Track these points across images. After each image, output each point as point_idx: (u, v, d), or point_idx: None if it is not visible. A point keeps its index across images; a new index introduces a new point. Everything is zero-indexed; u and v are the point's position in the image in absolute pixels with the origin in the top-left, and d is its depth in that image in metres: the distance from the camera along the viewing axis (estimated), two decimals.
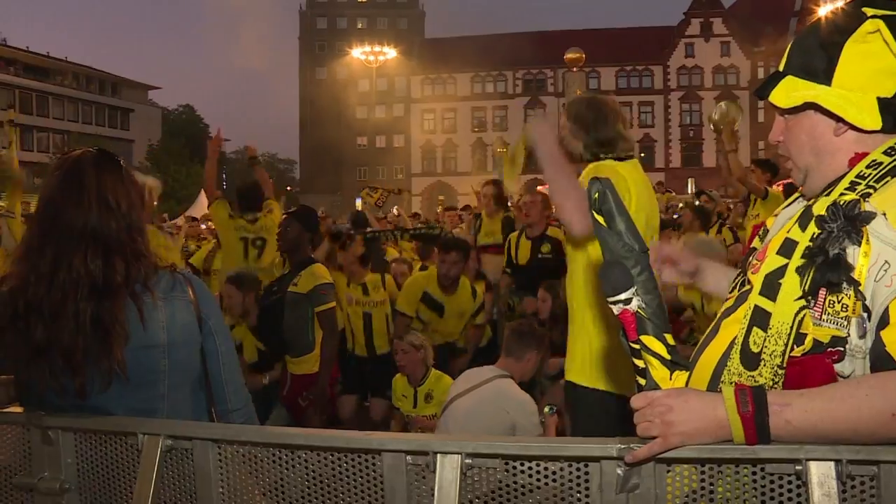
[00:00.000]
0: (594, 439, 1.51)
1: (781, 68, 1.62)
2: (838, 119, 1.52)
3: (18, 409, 1.97)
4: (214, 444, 1.71)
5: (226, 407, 2.11)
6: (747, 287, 1.58)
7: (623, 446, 1.44)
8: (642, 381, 1.47)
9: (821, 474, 1.36)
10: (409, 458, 1.56)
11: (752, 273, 1.56)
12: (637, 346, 1.45)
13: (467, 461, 1.52)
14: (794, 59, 1.59)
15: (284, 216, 5.26)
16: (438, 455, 1.53)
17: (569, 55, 16.69)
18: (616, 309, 1.44)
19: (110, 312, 1.88)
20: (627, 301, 1.42)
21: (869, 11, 1.49)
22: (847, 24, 1.51)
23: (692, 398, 1.41)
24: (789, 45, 1.64)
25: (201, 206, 18.38)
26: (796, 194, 1.73)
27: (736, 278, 1.73)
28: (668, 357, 1.44)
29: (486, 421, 3.82)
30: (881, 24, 1.47)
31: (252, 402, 2.21)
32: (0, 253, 6.14)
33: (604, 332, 2.98)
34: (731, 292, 1.70)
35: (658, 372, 1.44)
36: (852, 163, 1.51)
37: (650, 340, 1.43)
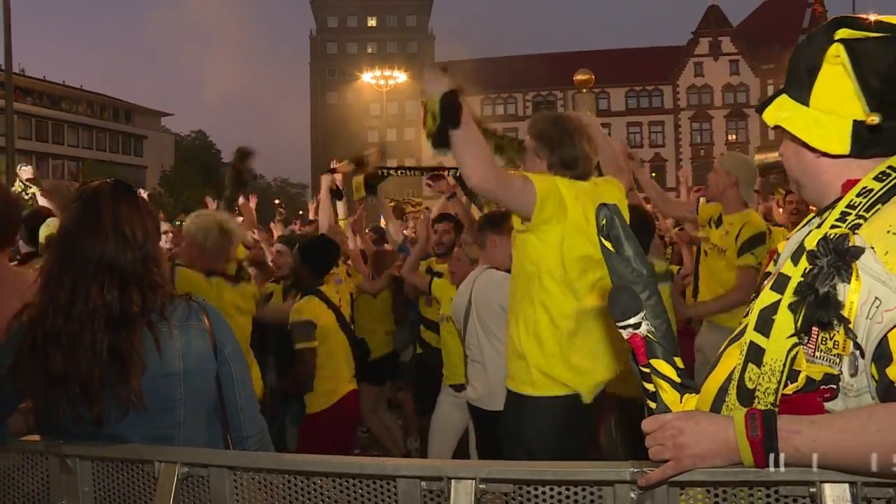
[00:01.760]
0: (607, 463, 1.52)
1: (784, 85, 1.61)
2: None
3: (37, 438, 1.99)
4: (230, 472, 1.72)
5: (241, 434, 2.12)
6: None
7: (636, 470, 1.44)
8: (653, 405, 1.47)
9: (835, 497, 1.35)
10: (423, 483, 1.57)
11: None
12: (647, 370, 1.45)
13: (481, 486, 1.53)
14: (789, 76, 1.59)
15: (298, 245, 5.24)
16: (453, 481, 1.53)
17: (578, 76, 16.69)
18: (626, 333, 1.45)
19: (127, 342, 1.90)
20: (637, 325, 1.43)
21: (838, 34, 1.46)
22: (822, 44, 1.49)
23: (703, 421, 1.41)
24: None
25: None
26: (809, 217, 1.72)
27: (751, 302, 1.72)
28: (678, 380, 1.45)
29: (492, 314, 4.04)
30: (841, 48, 1.45)
31: (267, 430, 2.22)
32: None
33: (556, 327, 2.88)
34: (745, 316, 1.70)
35: (668, 395, 1.45)
36: (845, 189, 1.47)
37: (660, 364, 1.44)
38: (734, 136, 57.44)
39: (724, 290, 4.69)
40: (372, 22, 71.51)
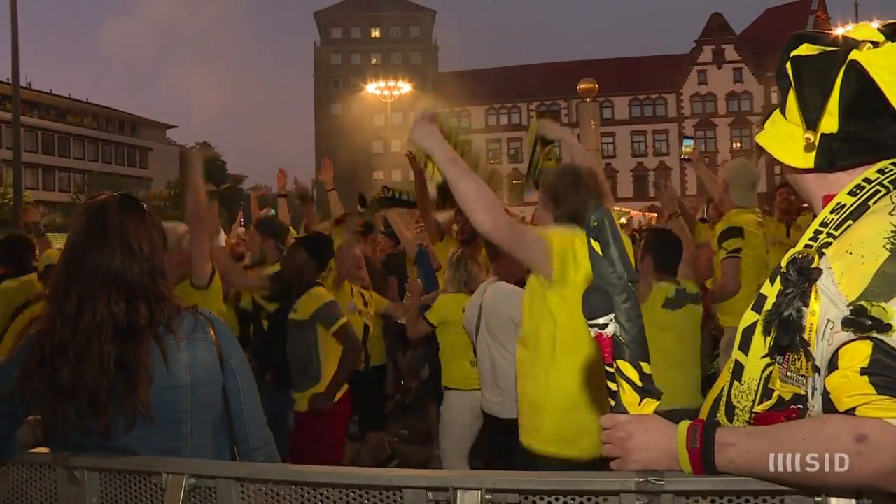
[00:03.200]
0: (613, 473, 1.52)
1: None
2: None
3: (45, 450, 2.00)
4: (237, 483, 1.73)
5: (248, 445, 2.13)
6: None
7: (641, 480, 1.45)
8: (612, 403, 1.52)
9: None
10: (429, 494, 1.58)
11: None
12: (612, 370, 1.49)
13: (487, 497, 1.53)
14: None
15: (294, 241, 5.13)
16: (459, 491, 1.54)
17: (582, 85, 16.75)
18: (593, 332, 1.49)
19: (134, 355, 1.91)
20: (604, 326, 1.47)
21: (796, 51, 1.44)
22: (785, 61, 1.47)
23: (653, 428, 1.46)
24: None
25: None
26: None
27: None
28: (639, 384, 1.48)
29: (503, 325, 4.11)
30: (789, 65, 1.43)
31: (274, 441, 2.23)
32: None
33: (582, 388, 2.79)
34: None
35: (628, 396, 1.49)
36: (824, 205, 1.45)
37: (624, 365, 1.48)
38: (738, 144, 57.38)
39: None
40: (376, 33, 71.80)
